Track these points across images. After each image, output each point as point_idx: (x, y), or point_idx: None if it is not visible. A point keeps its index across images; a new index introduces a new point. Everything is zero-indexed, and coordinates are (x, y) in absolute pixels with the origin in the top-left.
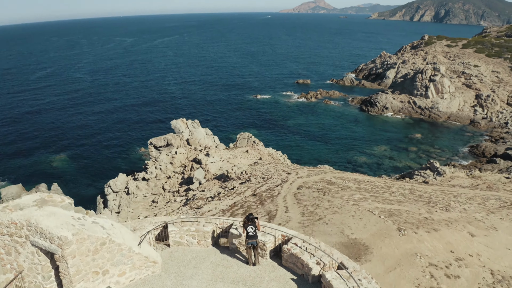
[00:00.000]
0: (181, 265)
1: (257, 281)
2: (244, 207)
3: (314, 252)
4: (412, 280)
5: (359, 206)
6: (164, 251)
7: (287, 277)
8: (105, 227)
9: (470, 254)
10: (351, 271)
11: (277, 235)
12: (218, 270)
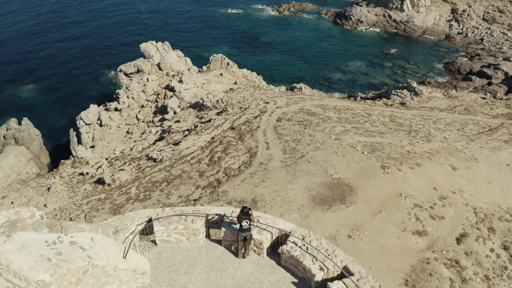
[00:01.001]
0: (172, 270)
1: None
2: (223, 143)
3: (317, 254)
4: (398, 224)
5: (342, 141)
6: (151, 251)
7: (287, 280)
8: (85, 247)
9: (453, 191)
10: (357, 279)
11: (273, 231)
12: (213, 275)
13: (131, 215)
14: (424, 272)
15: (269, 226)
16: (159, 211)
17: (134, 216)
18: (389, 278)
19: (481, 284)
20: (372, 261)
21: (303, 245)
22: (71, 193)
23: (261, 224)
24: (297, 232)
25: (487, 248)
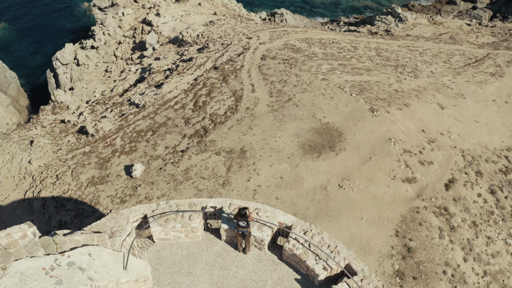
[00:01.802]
0: (173, 272)
1: (260, 287)
2: (207, 85)
3: (319, 252)
4: (388, 172)
5: (329, 81)
6: (150, 250)
7: (290, 277)
8: (83, 267)
9: (441, 132)
10: (361, 278)
11: (274, 226)
12: (215, 275)
13: (125, 214)
14: (414, 222)
15: (268, 222)
16: (154, 207)
17: (128, 214)
18: (380, 229)
19: (469, 231)
20: (363, 211)
21: (305, 242)
22: (55, 146)
23: (261, 219)
24: (298, 226)
25: (475, 193)
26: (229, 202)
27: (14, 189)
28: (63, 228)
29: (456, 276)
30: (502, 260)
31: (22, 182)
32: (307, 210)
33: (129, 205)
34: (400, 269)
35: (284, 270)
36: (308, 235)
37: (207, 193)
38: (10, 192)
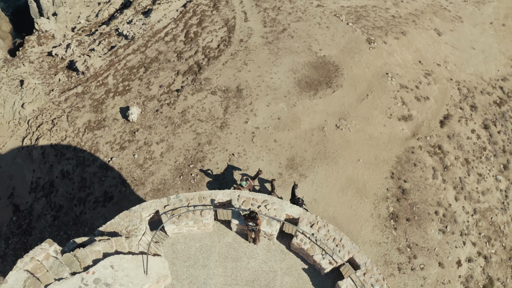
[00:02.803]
0: (189, 266)
1: (271, 278)
2: (197, 14)
3: (325, 246)
4: (384, 110)
5: (324, 8)
6: (165, 243)
7: (298, 267)
8: (109, 281)
9: (438, 63)
10: (363, 272)
11: (282, 217)
12: (229, 267)
13: (138, 211)
14: (409, 163)
15: (277, 217)
16: (165, 202)
17: (141, 211)
18: (376, 171)
19: (461, 169)
20: (359, 153)
21: (312, 235)
22: (46, 87)
23: (270, 211)
24: (305, 219)
25: (469, 129)
26: (238, 194)
27: (11, 135)
28: (65, 178)
29: (447, 215)
30: (491, 197)
31: (18, 128)
32: (305, 153)
33: (129, 152)
34: (394, 212)
35: (292, 260)
36: (315, 228)
37: (206, 136)
38: (7, 139)
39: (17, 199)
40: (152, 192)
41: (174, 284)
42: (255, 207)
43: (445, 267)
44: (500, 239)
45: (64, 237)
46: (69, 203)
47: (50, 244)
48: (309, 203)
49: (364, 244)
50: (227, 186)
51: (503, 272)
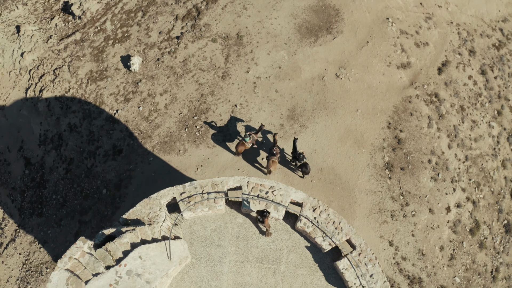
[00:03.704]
0: (206, 245)
1: (278, 255)
2: None
3: (325, 229)
4: (384, 58)
5: None
6: (182, 225)
7: (302, 245)
8: (139, 271)
9: (439, 4)
10: (359, 252)
11: (288, 202)
12: (241, 246)
13: (157, 199)
14: (405, 112)
15: (283, 203)
16: (181, 189)
17: (159, 199)
18: (374, 121)
19: (456, 116)
20: (358, 103)
21: (314, 219)
22: (43, 33)
23: (276, 197)
24: (308, 204)
25: (466, 76)
26: (247, 181)
27: (13, 86)
28: (73, 131)
29: (439, 163)
30: (483, 144)
31: (20, 78)
32: (305, 103)
33: (133, 104)
34: (389, 161)
35: (296, 239)
36: (317, 212)
37: (208, 87)
38: (9, 90)
39: (27, 152)
40: (159, 145)
41: (193, 262)
42: (263, 193)
43: (435, 213)
44: (489, 184)
45: (78, 190)
46: (80, 156)
47: (83, 241)
48: (309, 154)
49: (361, 193)
50: (231, 138)
51: (490, 216)
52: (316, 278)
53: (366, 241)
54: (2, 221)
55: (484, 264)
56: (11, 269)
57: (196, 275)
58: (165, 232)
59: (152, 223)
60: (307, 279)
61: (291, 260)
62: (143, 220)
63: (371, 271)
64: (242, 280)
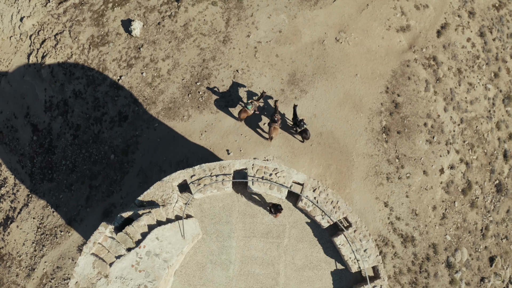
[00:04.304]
0: (215, 222)
1: (281, 230)
2: None
3: (324, 208)
4: (383, 22)
5: None
6: (193, 204)
7: (302, 221)
8: (157, 251)
9: None
10: (354, 229)
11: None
12: (247, 222)
13: (169, 182)
14: (403, 76)
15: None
16: (191, 172)
17: (172, 182)
18: (372, 86)
19: (453, 79)
20: (357, 67)
21: (314, 199)
22: None
23: (279, 179)
24: (308, 184)
25: (465, 38)
26: (252, 163)
27: (15, 52)
28: (78, 98)
29: (435, 126)
30: (479, 106)
31: (21, 44)
32: (305, 68)
33: (136, 70)
34: (386, 125)
35: (298, 215)
36: (316, 193)
37: (210, 52)
38: (11, 56)
39: (33, 119)
40: (164, 111)
41: (204, 238)
42: (267, 175)
43: (429, 174)
44: (482, 146)
45: (87, 155)
46: (86, 123)
47: (105, 227)
48: (309, 118)
49: (358, 157)
50: (233, 103)
51: (482, 176)
52: (316, 251)
53: (363, 203)
54: (14, 186)
55: (474, 223)
56: (26, 233)
57: (207, 250)
58: (178, 212)
59: (166, 204)
60: (307, 252)
61: (293, 235)
62: (157, 201)
63: (365, 246)
64: (249, 254)
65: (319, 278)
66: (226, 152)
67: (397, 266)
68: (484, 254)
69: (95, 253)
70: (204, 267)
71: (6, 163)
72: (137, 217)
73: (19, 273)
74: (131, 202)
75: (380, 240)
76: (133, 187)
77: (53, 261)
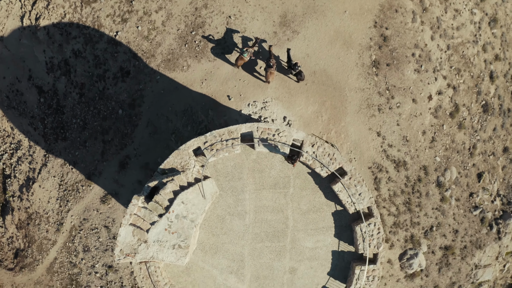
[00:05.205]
0: (229, 179)
1: (286, 181)
2: None
3: (322, 161)
4: None
5: None
6: (208, 166)
7: (304, 172)
8: (184, 214)
9: None
10: (349, 177)
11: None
12: (256, 177)
13: (186, 150)
14: (391, 9)
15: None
16: (203, 139)
17: (187, 150)
18: (361, 21)
19: (439, 7)
20: (346, 4)
21: (313, 153)
22: None
23: (282, 138)
24: (307, 141)
25: None
26: (256, 126)
27: (7, 16)
28: (78, 57)
29: (422, 56)
30: (465, 32)
31: (11, 7)
32: (295, 8)
33: (131, 24)
34: (376, 59)
35: (300, 167)
36: (315, 148)
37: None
38: (4, 20)
39: (37, 81)
40: (163, 63)
41: (221, 194)
42: (270, 135)
43: (418, 102)
44: (469, 69)
45: (95, 112)
46: (90, 80)
47: (137, 199)
48: (302, 58)
49: (351, 91)
50: (229, 50)
51: (469, 98)
52: (317, 197)
53: (357, 134)
54: (30, 148)
55: (462, 143)
56: (49, 191)
57: (225, 203)
58: (196, 175)
59: (185, 170)
60: (310, 197)
61: (297, 184)
62: (177, 168)
63: (360, 191)
64: (260, 204)
65: (322, 219)
66: (227, 97)
67: (391, 189)
68: (472, 171)
69: (132, 223)
70: (223, 218)
71: (18, 127)
72: (162, 185)
73: (48, 229)
74: (144, 152)
75: (375, 167)
76: (144, 138)
77: (79, 214)
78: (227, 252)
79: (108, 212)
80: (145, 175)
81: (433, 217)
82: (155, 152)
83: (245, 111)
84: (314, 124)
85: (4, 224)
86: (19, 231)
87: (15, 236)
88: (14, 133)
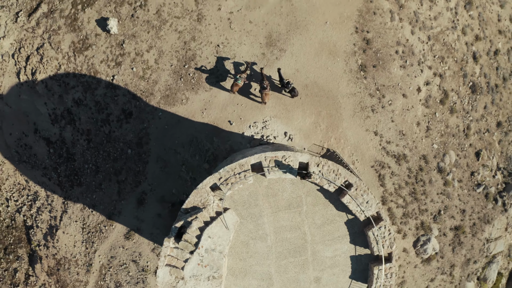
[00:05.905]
0: (247, 207)
1: (299, 200)
2: None
3: (328, 178)
4: None
5: None
6: (226, 198)
7: (314, 189)
8: (212, 247)
9: None
10: (355, 188)
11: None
12: (271, 201)
13: (204, 188)
14: (369, 13)
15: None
16: (217, 175)
17: (205, 187)
18: (342, 29)
19: (415, 1)
20: (326, 15)
21: (319, 172)
22: (8, 12)
23: (289, 162)
24: (313, 162)
25: None
26: (264, 156)
27: (2, 74)
28: (80, 105)
29: (405, 51)
30: (442, 20)
31: (6, 65)
32: (279, 27)
33: (126, 66)
34: (362, 63)
35: (309, 186)
36: (320, 167)
37: (188, 33)
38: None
39: (43, 133)
40: (163, 100)
41: (242, 221)
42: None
43: (408, 96)
44: (452, 55)
45: (105, 155)
46: (95, 126)
47: (168, 241)
48: (293, 74)
49: (343, 98)
50: (223, 77)
51: (456, 83)
52: (329, 210)
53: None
54: (47, 197)
55: (456, 126)
56: (73, 235)
57: (246, 230)
58: (216, 208)
59: (206, 206)
60: (323, 212)
61: (309, 202)
62: (198, 205)
63: (367, 199)
64: (279, 224)
65: (336, 229)
66: (229, 123)
67: (396, 183)
68: (470, 151)
69: (168, 263)
70: (247, 243)
71: (33, 179)
72: (188, 224)
73: (78, 271)
74: (158, 186)
75: (377, 165)
76: (156, 173)
77: (106, 253)
78: (256, 273)
79: (134, 247)
80: (162, 208)
81: (439, 202)
82: (168, 184)
83: (247, 133)
84: (313, 135)
85: (35, 273)
86: (50, 277)
87: (47, 283)
88: (29, 186)
